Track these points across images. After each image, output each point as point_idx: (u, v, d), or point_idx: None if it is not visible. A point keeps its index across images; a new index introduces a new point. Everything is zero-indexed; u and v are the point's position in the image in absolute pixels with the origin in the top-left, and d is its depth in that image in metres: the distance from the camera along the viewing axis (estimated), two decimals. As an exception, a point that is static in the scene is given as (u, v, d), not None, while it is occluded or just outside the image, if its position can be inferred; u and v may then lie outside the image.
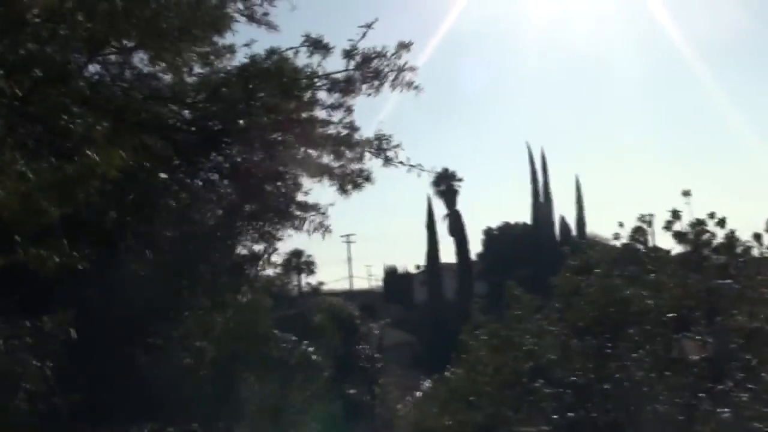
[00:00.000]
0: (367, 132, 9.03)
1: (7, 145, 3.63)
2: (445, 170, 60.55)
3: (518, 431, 12.63)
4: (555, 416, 11.16)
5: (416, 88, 8.64)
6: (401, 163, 8.81)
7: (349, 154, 9.03)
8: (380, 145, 8.82)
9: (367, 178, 9.25)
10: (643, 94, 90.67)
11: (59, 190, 3.71)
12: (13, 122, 5.07)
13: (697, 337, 11.15)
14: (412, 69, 8.55)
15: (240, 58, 8.82)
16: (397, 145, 8.84)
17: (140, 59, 8.71)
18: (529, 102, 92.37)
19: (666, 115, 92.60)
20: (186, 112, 8.94)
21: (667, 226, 12.06)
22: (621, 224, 12.58)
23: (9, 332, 3.35)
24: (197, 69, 8.82)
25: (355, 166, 9.13)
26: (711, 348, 10.97)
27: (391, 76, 8.53)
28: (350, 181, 9.12)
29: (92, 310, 5.99)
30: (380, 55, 8.47)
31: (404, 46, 8.52)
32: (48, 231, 3.63)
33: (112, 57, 8.75)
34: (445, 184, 60.90)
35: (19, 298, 5.47)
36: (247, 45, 8.82)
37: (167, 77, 8.84)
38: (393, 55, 8.49)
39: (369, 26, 8.34)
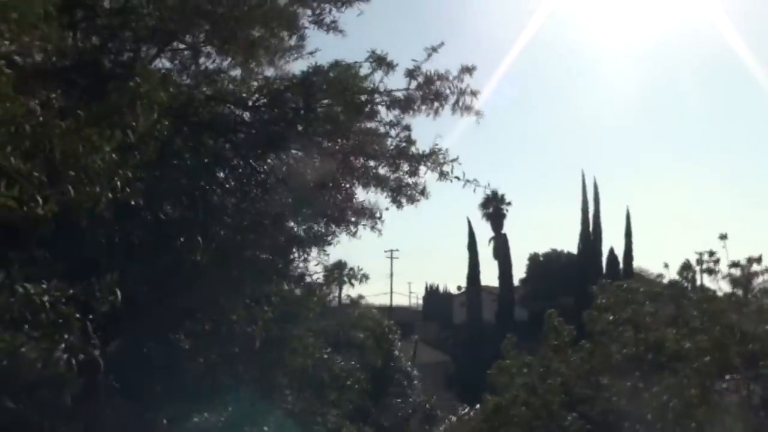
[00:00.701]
0: (423, 146, 8.93)
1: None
2: (494, 193, 60.21)
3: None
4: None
5: (477, 113, 8.61)
6: (457, 178, 8.65)
7: (404, 167, 8.96)
8: (436, 159, 8.74)
9: (422, 192, 9.18)
10: (708, 127, 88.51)
11: (108, 122, 3.81)
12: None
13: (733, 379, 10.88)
14: (474, 93, 8.51)
15: (302, 66, 8.94)
16: (454, 159, 8.69)
17: (208, 54, 8.88)
18: (586, 130, 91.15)
19: (729, 148, 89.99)
20: (246, 114, 9.04)
21: (708, 270, 11.84)
22: (666, 265, 12.41)
23: (58, 294, 3.51)
24: (263, 68, 8.96)
25: (410, 179, 9.07)
26: (753, 394, 10.67)
27: (452, 99, 8.52)
28: (405, 193, 9.09)
29: (140, 285, 6.21)
30: (442, 77, 8.45)
31: (467, 70, 8.48)
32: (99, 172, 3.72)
33: (183, 52, 9.00)
34: (493, 207, 60.46)
35: (70, 265, 5.74)
36: (311, 53, 8.93)
37: (232, 74, 9.00)
38: (455, 78, 8.47)
39: (435, 49, 8.38)
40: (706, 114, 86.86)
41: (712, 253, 11.73)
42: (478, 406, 16.50)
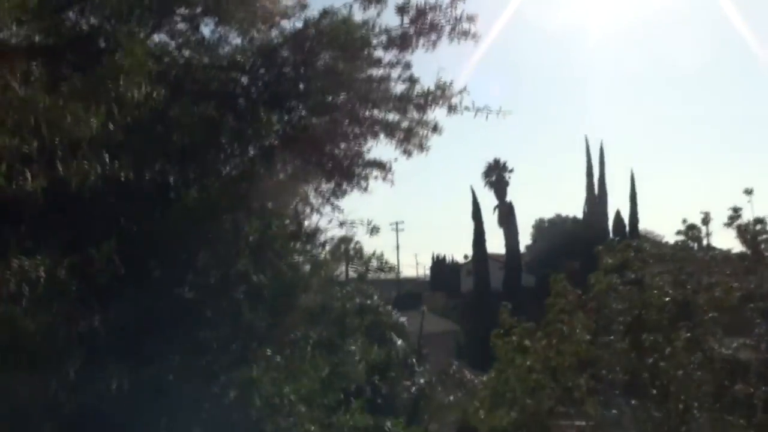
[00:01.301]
0: (427, 84, 8.64)
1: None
2: (497, 161, 60.06)
3: (558, 424, 12.55)
4: (595, 413, 11.02)
5: (474, 36, 8.29)
6: (467, 108, 8.44)
7: (411, 107, 8.71)
8: (442, 93, 8.49)
9: (435, 128, 8.87)
10: (708, 91, 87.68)
11: (94, 96, 3.75)
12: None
13: (747, 342, 10.83)
14: (470, 18, 8.28)
15: (294, 23, 8.70)
16: (462, 90, 8.45)
17: (206, 24, 8.69)
18: (591, 95, 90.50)
19: (729, 113, 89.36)
20: (244, 78, 8.82)
21: (729, 222, 11.69)
22: (685, 221, 12.22)
23: (54, 266, 3.48)
24: (263, 34, 8.75)
25: (419, 118, 8.82)
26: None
27: (448, 28, 8.28)
28: (414, 139, 8.84)
29: (140, 244, 6.17)
30: (434, 7, 8.23)
31: None
32: (89, 145, 3.67)
33: (179, 26, 8.80)
34: (496, 175, 60.30)
35: (65, 236, 5.70)
36: (302, 6, 8.68)
37: (231, 44, 8.82)
38: (448, 6, 8.25)
39: None
40: (710, 76, 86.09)
41: (736, 209, 11.57)
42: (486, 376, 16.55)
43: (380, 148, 9.04)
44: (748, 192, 11.81)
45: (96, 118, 3.64)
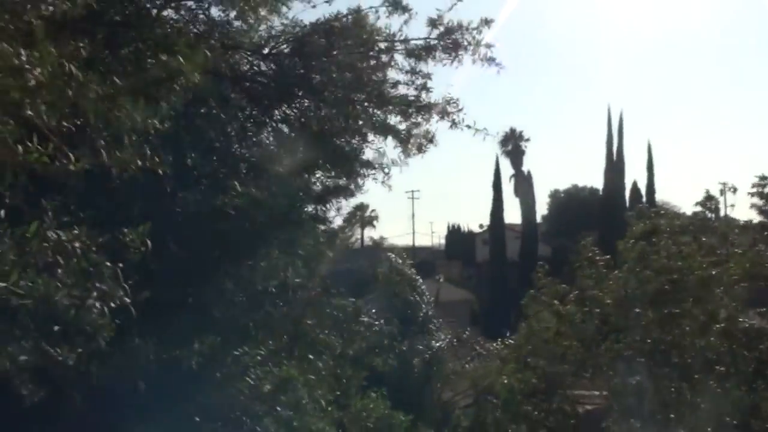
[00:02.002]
0: (438, 96, 9.08)
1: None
2: (512, 130, 59.53)
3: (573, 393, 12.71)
4: (617, 380, 11.12)
5: (497, 64, 8.68)
6: (468, 126, 8.82)
7: (416, 116, 9.14)
8: (447, 109, 8.87)
9: (431, 140, 9.34)
10: (729, 61, 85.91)
11: (143, 93, 3.86)
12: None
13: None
14: (489, 45, 8.62)
15: (316, 14, 8.86)
16: (461, 109, 8.82)
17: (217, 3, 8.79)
18: (613, 64, 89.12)
19: (748, 85, 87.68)
20: (261, 63, 9.04)
21: (758, 191, 11.65)
22: (707, 191, 12.18)
23: (89, 241, 3.58)
24: (266, 16, 8.87)
25: (421, 128, 9.23)
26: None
27: (470, 50, 8.60)
28: (414, 143, 9.24)
29: (171, 230, 6.32)
30: (463, 28, 8.53)
31: (486, 23, 8.58)
32: (131, 137, 3.79)
33: (188, 3, 8.86)
34: (512, 144, 59.86)
35: (100, 212, 5.82)
36: (327, 1, 8.85)
37: (239, 24, 8.93)
38: (474, 29, 8.55)
39: None
40: (730, 46, 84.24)
41: (764, 177, 11.52)
42: (499, 341, 16.69)
43: (380, 144, 9.39)
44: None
45: (139, 114, 3.73)
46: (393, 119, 9.19)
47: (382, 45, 8.63)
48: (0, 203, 3.78)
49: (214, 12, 8.83)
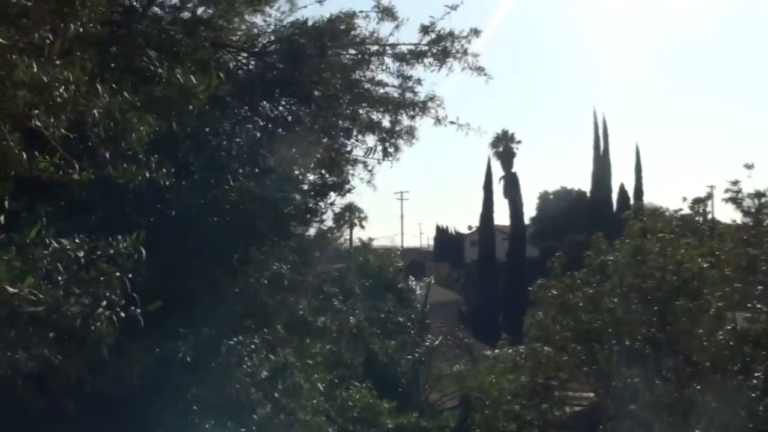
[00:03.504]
0: (424, 94, 9.21)
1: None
2: (504, 132, 59.64)
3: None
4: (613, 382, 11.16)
5: (485, 74, 8.89)
6: (452, 122, 9.01)
7: (399, 112, 9.19)
8: (428, 105, 9.07)
9: (413, 135, 9.41)
10: (718, 64, 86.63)
11: (155, 110, 3.88)
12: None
13: (747, 315, 10.94)
14: (475, 54, 8.82)
15: (305, 14, 8.94)
16: (440, 104, 9.07)
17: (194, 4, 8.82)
18: (600, 67, 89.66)
19: (734, 88, 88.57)
20: (252, 61, 9.04)
21: (731, 197, 11.74)
22: (684, 198, 12.32)
23: (89, 247, 3.60)
24: (248, 17, 8.96)
25: (403, 124, 9.38)
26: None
27: (458, 57, 8.82)
28: (394, 143, 9.39)
29: (164, 224, 6.36)
30: (453, 36, 8.72)
31: (476, 32, 8.76)
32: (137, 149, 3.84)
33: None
34: (503, 146, 59.98)
35: (99, 218, 5.82)
36: (319, 1, 8.94)
37: (221, 22, 8.97)
38: (464, 38, 8.75)
39: (453, 8, 8.62)
40: (717, 47, 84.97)
41: (735, 182, 11.61)
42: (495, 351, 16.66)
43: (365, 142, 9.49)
44: (749, 167, 11.86)
45: (145, 128, 3.77)
46: (377, 116, 9.32)
47: (372, 48, 8.79)
48: (0, 209, 3.77)
49: (200, 11, 8.87)
